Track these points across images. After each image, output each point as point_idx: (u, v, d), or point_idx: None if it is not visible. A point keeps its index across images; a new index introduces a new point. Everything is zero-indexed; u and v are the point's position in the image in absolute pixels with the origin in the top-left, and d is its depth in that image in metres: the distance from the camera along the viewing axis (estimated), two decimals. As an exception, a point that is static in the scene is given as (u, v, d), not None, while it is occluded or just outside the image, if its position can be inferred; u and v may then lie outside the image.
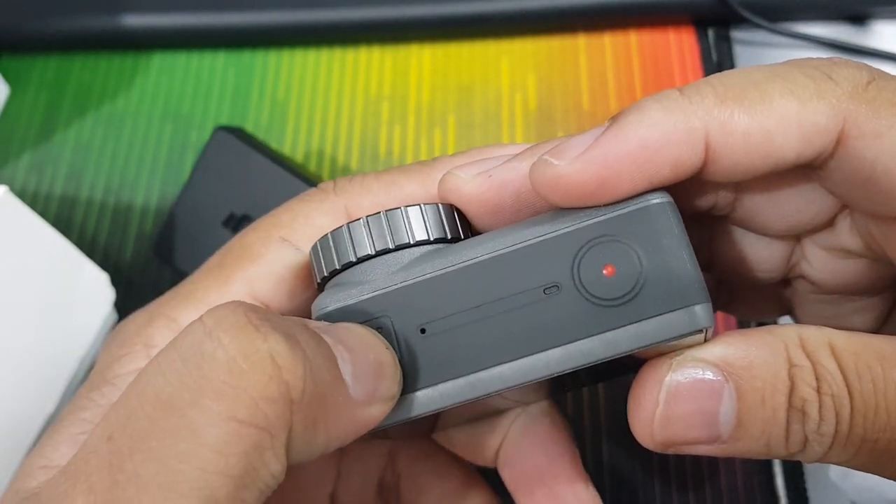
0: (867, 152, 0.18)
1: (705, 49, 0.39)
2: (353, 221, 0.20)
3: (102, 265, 0.33)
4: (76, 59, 0.41)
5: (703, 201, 0.21)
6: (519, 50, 0.40)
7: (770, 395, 0.17)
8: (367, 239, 0.20)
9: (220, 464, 0.15)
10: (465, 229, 0.21)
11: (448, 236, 0.20)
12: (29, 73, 0.41)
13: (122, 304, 0.32)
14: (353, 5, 0.39)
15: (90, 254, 0.35)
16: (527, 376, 0.18)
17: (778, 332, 0.18)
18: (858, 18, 0.39)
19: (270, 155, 0.33)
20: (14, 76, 0.41)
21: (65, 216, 0.38)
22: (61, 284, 0.29)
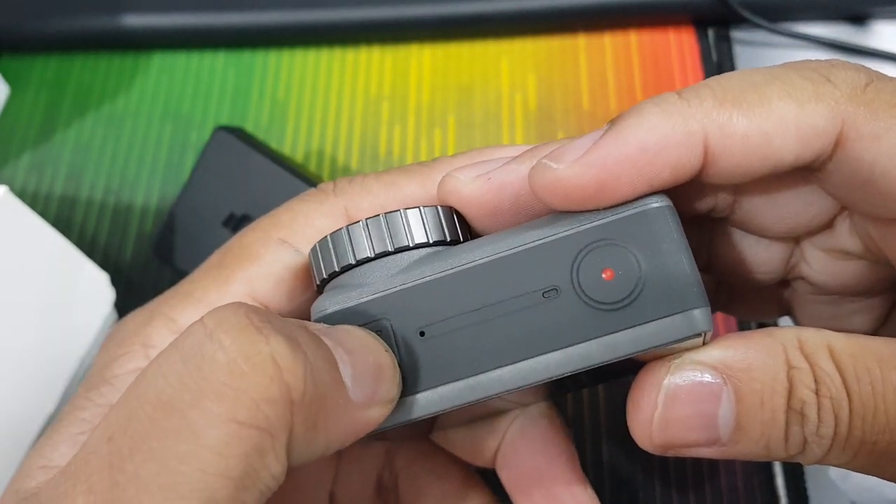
0: (866, 154, 0.18)
1: (705, 49, 0.39)
2: (353, 224, 0.20)
3: (102, 265, 0.33)
4: (76, 59, 0.41)
5: (703, 204, 0.21)
6: (519, 50, 0.40)
7: (769, 397, 0.17)
8: (366, 241, 0.20)
9: (220, 465, 0.15)
10: (465, 231, 0.21)
11: (447, 239, 0.20)
12: (29, 73, 0.41)
13: (122, 304, 0.32)
14: (353, 5, 0.39)
15: (90, 254, 0.35)
16: (526, 380, 0.18)
17: (776, 335, 0.18)
18: (858, 18, 0.38)
19: (270, 155, 0.33)
20: (14, 76, 0.41)
21: (65, 216, 0.38)
22: (61, 284, 0.29)
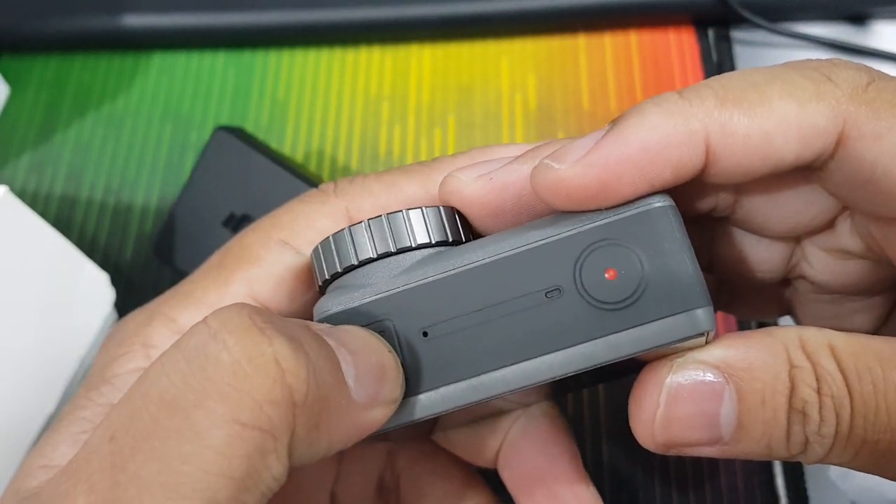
0: (867, 153, 0.18)
1: (705, 49, 0.39)
2: (355, 224, 0.20)
3: (102, 265, 0.33)
4: (76, 59, 0.41)
5: (704, 203, 0.21)
6: (519, 50, 0.40)
7: (770, 396, 0.17)
8: (368, 242, 0.20)
9: (222, 465, 0.15)
10: (467, 232, 0.21)
11: (449, 239, 0.20)
12: (29, 73, 0.41)
13: (122, 304, 0.32)
14: (353, 5, 0.39)
15: (90, 254, 0.35)
16: (529, 380, 0.18)
17: (778, 334, 0.18)
18: (858, 18, 0.39)
19: (270, 155, 0.33)
20: (14, 76, 0.41)
21: (65, 216, 0.38)
22: (61, 284, 0.29)
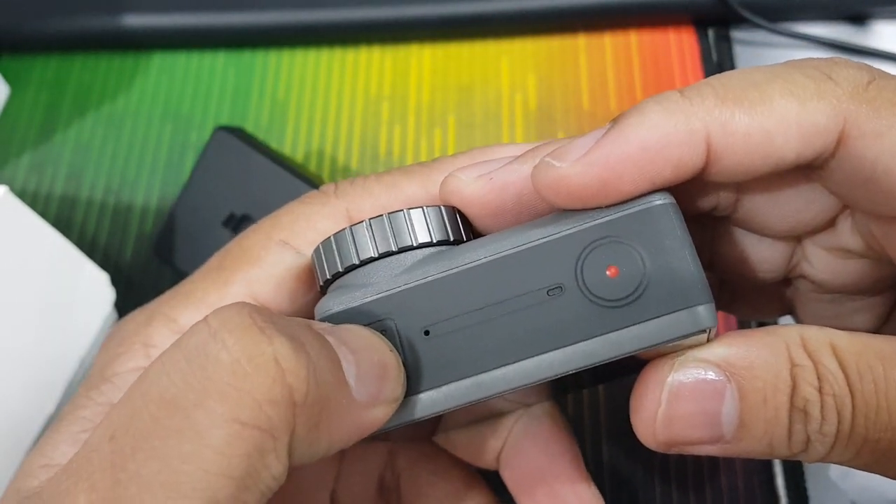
0: (868, 152, 0.18)
1: (705, 49, 0.39)
2: (356, 224, 0.20)
3: (102, 265, 0.33)
4: (76, 59, 0.41)
5: (705, 202, 0.21)
6: (519, 50, 0.40)
7: (772, 395, 0.17)
8: (370, 241, 0.20)
9: (222, 465, 0.15)
10: (468, 231, 0.21)
11: (451, 238, 0.20)
12: (29, 73, 0.41)
13: (122, 304, 0.32)
14: (353, 5, 0.39)
15: (90, 254, 0.35)
16: (531, 377, 0.18)
17: (779, 332, 0.18)
18: (858, 18, 0.39)
19: (270, 155, 0.33)
20: (14, 76, 0.41)
21: (65, 216, 0.38)
22: (61, 284, 0.29)
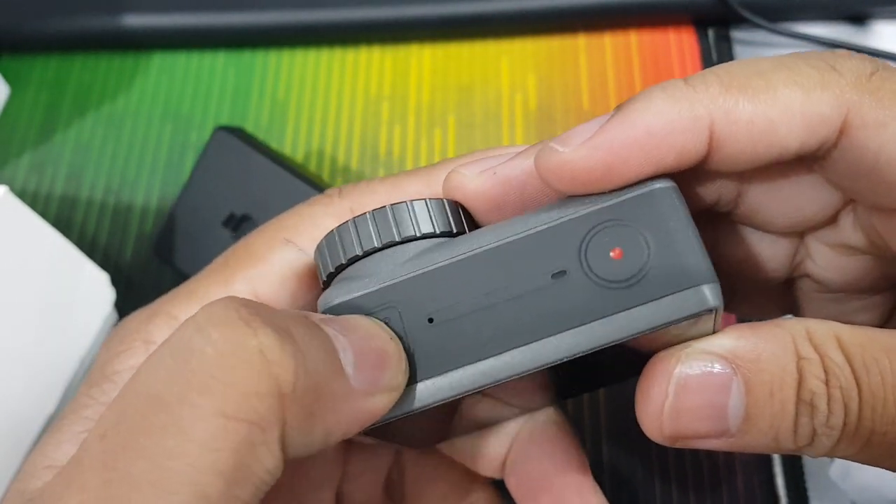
0: (870, 142, 0.18)
1: (705, 49, 0.39)
2: (359, 216, 0.20)
3: (102, 265, 0.33)
4: (76, 59, 0.41)
5: (708, 194, 0.21)
6: (519, 50, 0.40)
7: (778, 388, 0.17)
8: (372, 232, 0.19)
9: (208, 460, 0.15)
10: (470, 225, 0.21)
11: (453, 230, 0.20)
12: (29, 73, 0.41)
13: (122, 304, 0.32)
14: (353, 5, 0.39)
15: (90, 254, 0.35)
16: (536, 361, 0.18)
17: (785, 325, 0.18)
18: (858, 18, 0.39)
19: (271, 155, 0.33)
20: (14, 76, 0.41)
21: (65, 216, 0.37)
22: (61, 284, 0.29)
